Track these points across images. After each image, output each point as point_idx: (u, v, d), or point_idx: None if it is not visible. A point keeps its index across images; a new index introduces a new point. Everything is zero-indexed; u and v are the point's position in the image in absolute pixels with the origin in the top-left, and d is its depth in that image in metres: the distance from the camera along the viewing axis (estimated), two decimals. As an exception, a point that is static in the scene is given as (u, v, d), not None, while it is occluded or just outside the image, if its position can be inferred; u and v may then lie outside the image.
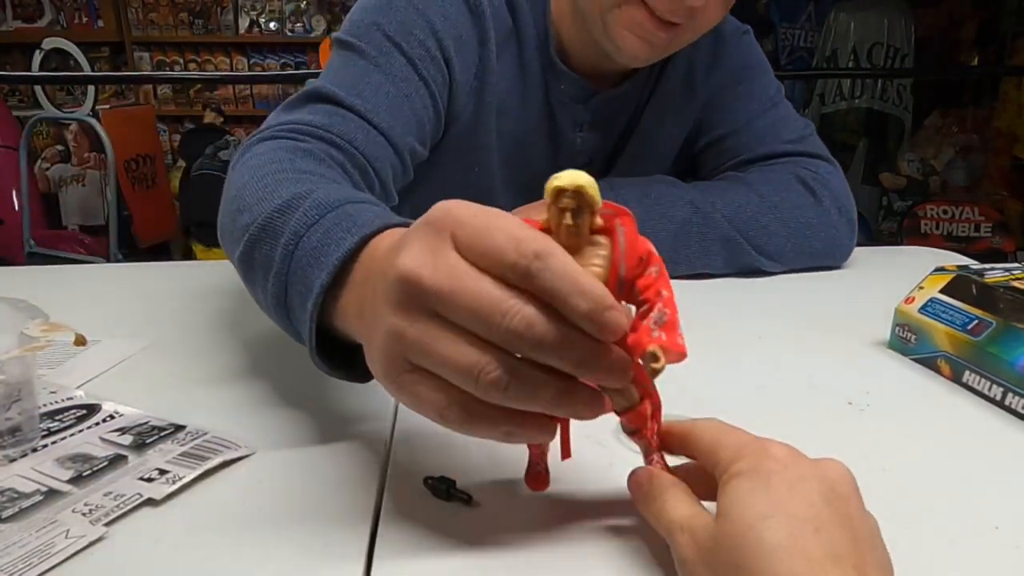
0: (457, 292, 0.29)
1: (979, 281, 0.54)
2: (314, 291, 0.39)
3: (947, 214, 3.15)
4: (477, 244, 0.30)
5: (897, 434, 0.46)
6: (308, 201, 0.44)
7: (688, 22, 0.67)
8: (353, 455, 0.42)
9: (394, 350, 0.31)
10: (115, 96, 3.84)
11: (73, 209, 3.48)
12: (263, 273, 0.45)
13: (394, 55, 0.68)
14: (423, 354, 0.31)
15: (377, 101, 0.65)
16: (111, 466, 0.39)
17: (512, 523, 0.36)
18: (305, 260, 0.41)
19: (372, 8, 0.70)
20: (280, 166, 0.52)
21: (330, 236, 0.41)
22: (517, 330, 0.29)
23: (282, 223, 0.44)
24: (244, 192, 0.51)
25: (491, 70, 0.74)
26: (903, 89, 3.34)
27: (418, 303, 0.30)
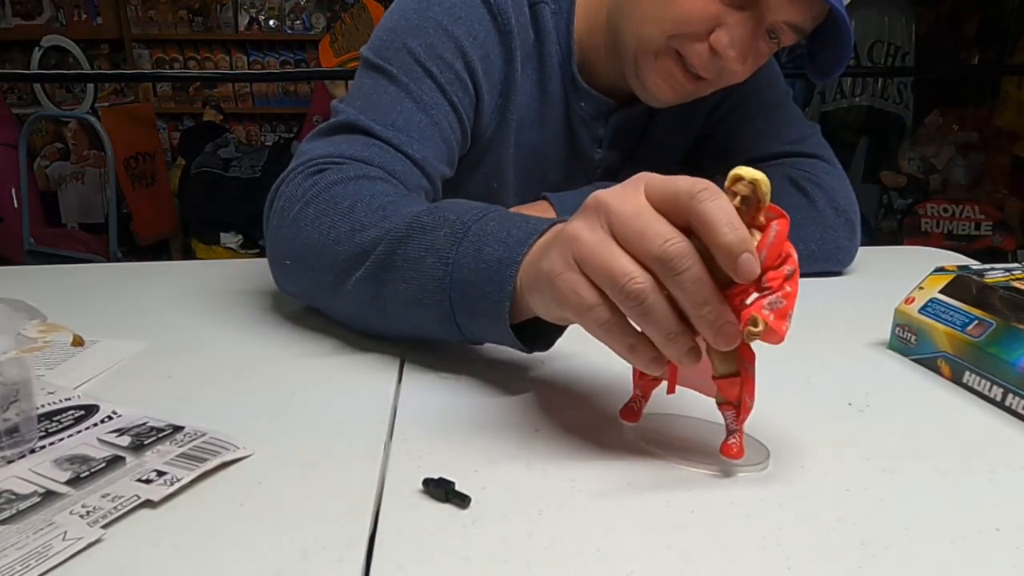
0: (634, 216, 0.37)
1: (979, 281, 0.54)
2: (510, 269, 0.45)
3: (947, 212, 3.14)
4: (657, 184, 0.38)
5: (897, 435, 0.46)
6: (462, 204, 0.51)
7: (716, 78, 0.70)
8: (352, 456, 0.42)
9: (566, 248, 0.39)
10: (115, 94, 3.83)
11: (72, 207, 3.48)
12: (413, 264, 0.50)
13: (424, 81, 0.68)
14: (589, 254, 0.38)
15: (410, 131, 0.66)
16: (109, 467, 0.39)
17: (511, 525, 0.36)
18: (482, 242, 0.47)
19: (402, 29, 0.70)
20: (380, 191, 0.57)
21: (507, 224, 0.47)
22: (670, 255, 0.36)
23: (433, 221, 0.50)
24: (356, 213, 0.55)
25: (515, 87, 0.74)
26: (904, 87, 3.34)
27: (602, 220, 0.38)
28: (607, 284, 0.37)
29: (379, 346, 0.58)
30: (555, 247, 0.40)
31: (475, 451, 0.43)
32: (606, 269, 0.37)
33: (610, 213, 0.38)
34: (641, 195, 0.38)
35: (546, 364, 0.55)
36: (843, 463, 0.42)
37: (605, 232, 0.38)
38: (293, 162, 0.64)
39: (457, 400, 0.50)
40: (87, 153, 3.47)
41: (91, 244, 3.04)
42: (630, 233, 0.37)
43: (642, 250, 0.36)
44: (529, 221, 0.47)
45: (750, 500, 0.38)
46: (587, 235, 0.38)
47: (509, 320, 0.46)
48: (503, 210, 0.51)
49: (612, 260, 0.37)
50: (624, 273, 0.36)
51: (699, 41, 0.67)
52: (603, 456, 0.42)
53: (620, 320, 0.38)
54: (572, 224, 0.39)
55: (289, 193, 0.60)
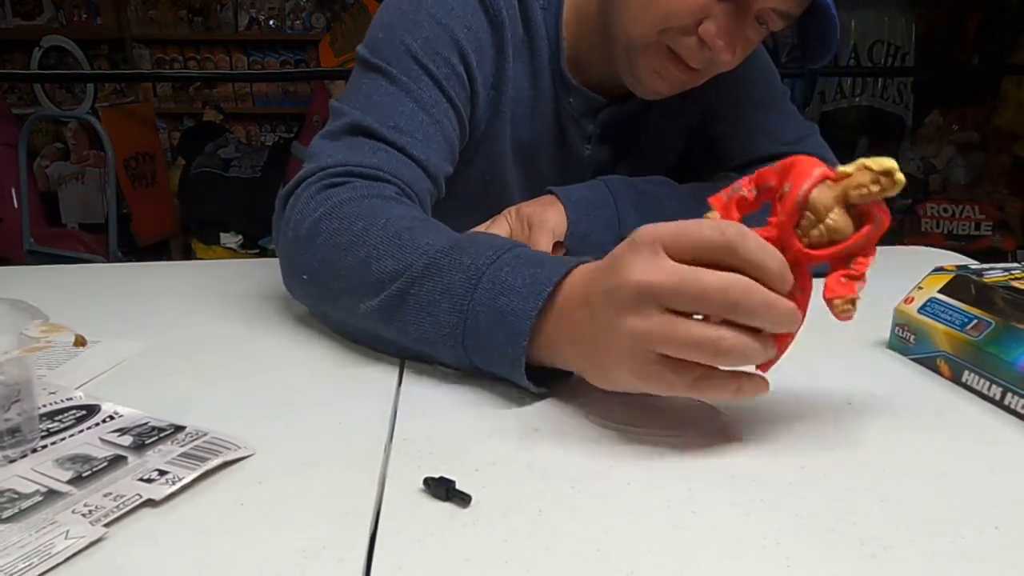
0: (685, 285, 0.39)
1: (978, 281, 0.54)
2: (524, 317, 0.46)
3: (947, 212, 3.14)
4: (684, 241, 0.40)
5: (897, 434, 0.46)
6: (476, 244, 0.52)
7: (708, 68, 0.70)
8: (353, 456, 0.42)
9: (640, 347, 0.41)
10: (115, 94, 3.83)
11: (72, 207, 3.48)
12: (426, 307, 0.50)
13: (422, 79, 0.69)
14: (667, 342, 0.40)
15: (413, 132, 0.67)
16: (111, 467, 0.39)
17: (511, 525, 0.36)
18: (496, 291, 0.47)
19: (397, 25, 0.70)
20: (395, 214, 0.57)
21: (521, 272, 0.48)
22: (737, 300, 0.38)
23: (449, 263, 0.51)
24: (369, 238, 0.55)
25: (506, 78, 0.74)
26: (904, 87, 3.34)
27: (651, 303, 0.40)
28: (702, 357, 0.40)
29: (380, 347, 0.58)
30: (620, 348, 0.42)
31: (475, 451, 0.43)
32: (693, 344, 0.40)
33: (656, 293, 0.40)
34: (666, 259, 0.40)
35: (546, 364, 0.55)
36: (842, 463, 0.42)
37: (663, 312, 0.40)
38: (305, 167, 0.64)
39: (457, 400, 0.50)
40: (87, 153, 3.47)
41: (91, 244, 3.03)
42: (689, 300, 0.39)
43: (710, 310, 0.40)
44: (544, 264, 0.48)
45: (750, 500, 0.38)
46: (652, 326, 0.40)
47: (524, 368, 0.47)
48: (517, 250, 0.51)
49: (692, 335, 0.40)
50: (710, 340, 0.39)
51: (688, 34, 0.67)
52: (603, 456, 0.42)
53: (720, 374, 0.41)
54: (627, 326, 0.41)
55: (302, 207, 0.60)
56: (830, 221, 0.40)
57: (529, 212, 0.70)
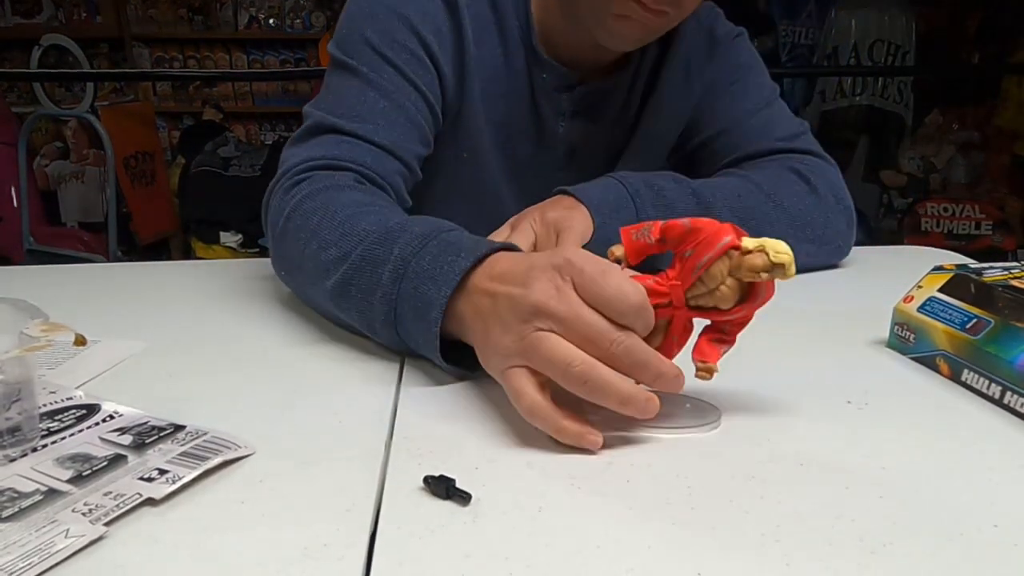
0: (579, 320, 0.42)
1: (977, 280, 0.54)
2: (436, 304, 0.49)
3: (948, 212, 3.15)
4: (593, 287, 0.42)
5: (896, 433, 0.46)
6: (407, 233, 0.54)
7: (674, 10, 0.71)
8: (353, 454, 0.42)
9: (513, 349, 0.44)
10: (114, 92, 3.83)
11: (72, 206, 3.48)
12: (365, 296, 0.54)
13: (384, 68, 0.73)
14: (546, 360, 0.43)
15: (375, 119, 0.71)
16: (111, 466, 0.39)
17: (512, 522, 0.36)
18: (418, 280, 0.51)
19: (358, 20, 0.75)
20: (341, 203, 0.61)
21: (440, 260, 0.50)
22: (618, 355, 0.42)
23: (383, 253, 0.54)
24: (321, 230, 0.59)
25: (470, 58, 0.77)
26: (904, 86, 3.34)
27: (545, 322, 0.43)
28: (568, 384, 0.43)
29: (379, 347, 0.58)
30: (502, 344, 0.45)
31: (475, 448, 0.43)
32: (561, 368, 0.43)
33: (552, 317, 0.43)
34: (572, 292, 0.43)
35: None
36: (842, 461, 0.42)
37: (550, 332, 0.43)
38: (278, 172, 0.70)
39: (457, 398, 0.50)
40: (87, 152, 3.47)
41: (91, 243, 3.04)
42: (577, 336, 0.42)
43: (593, 351, 0.42)
44: (462, 251, 0.51)
45: (749, 497, 0.38)
46: (531, 338, 0.43)
47: (441, 355, 0.50)
48: (443, 235, 0.53)
49: (568, 358, 0.42)
50: (580, 373, 0.42)
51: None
52: (603, 453, 0.42)
53: (567, 398, 0.44)
54: (514, 330, 0.44)
55: (275, 207, 0.67)
56: (719, 292, 0.43)
57: (555, 218, 0.70)
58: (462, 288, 0.49)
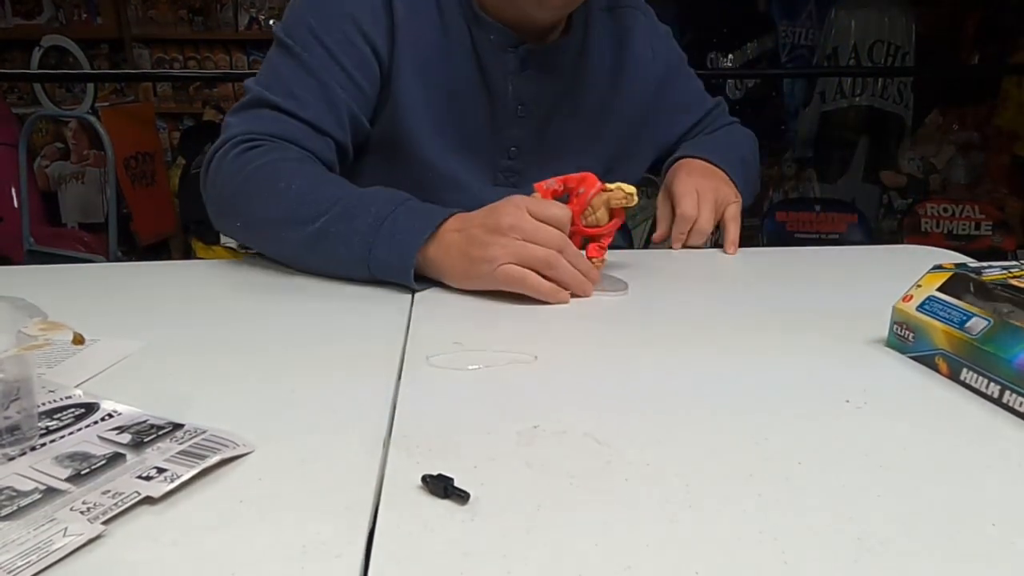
0: (537, 230, 0.67)
1: (977, 279, 0.54)
2: (414, 247, 0.69)
3: (947, 212, 3.14)
4: (541, 209, 0.68)
5: (895, 432, 0.46)
6: (380, 198, 0.73)
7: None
8: (351, 453, 0.42)
9: (500, 254, 0.67)
10: (115, 93, 3.83)
11: (72, 207, 3.48)
12: (344, 241, 0.71)
13: (315, 49, 0.82)
14: (521, 255, 0.67)
15: (305, 98, 0.81)
16: (109, 464, 0.40)
17: (509, 521, 0.36)
18: (394, 229, 0.70)
19: (301, 7, 0.85)
20: (304, 172, 0.76)
21: (414, 216, 0.71)
22: (567, 252, 0.68)
23: (360, 210, 0.71)
24: (290, 193, 0.74)
25: (405, 31, 0.84)
26: (904, 87, 3.33)
27: (516, 234, 0.67)
28: (538, 266, 0.67)
29: (379, 343, 0.58)
30: (491, 261, 0.67)
31: (474, 447, 0.43)
32: (535, 259, 0.67)
33: (518, 230, 0.67)
34: (527, 215, 0.67)
35: (544, 362, 0.55)
36: (840, 460, 0.42)
37: (518, 240, 0.67)
38: (222, 135, 0.81)
39: (456, 397, 0.50)
40: (87, 153, 3.47)
41: (91, 244, 3.03)
42: (538, 239, 0.67)
43: (548, 244, 0.68)
44: (430, 215, 0.71)
45: (747, 496, 0.38)
46: (514, 245, 0.67)
47: (413, 279, 0.70)
48: (410, 203, 0.72)
49: (535, 254, 0.67)
50: (543, 259, 0.67)
51: None
52: (601, 453, 0.42)
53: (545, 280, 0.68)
54: (498, 240, 0.67)
55: (227, 169, 0.78)
56: (597, 215, 0.73)
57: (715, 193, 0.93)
58: (433, 236, 0.70)
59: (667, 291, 0.75)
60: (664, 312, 0.69)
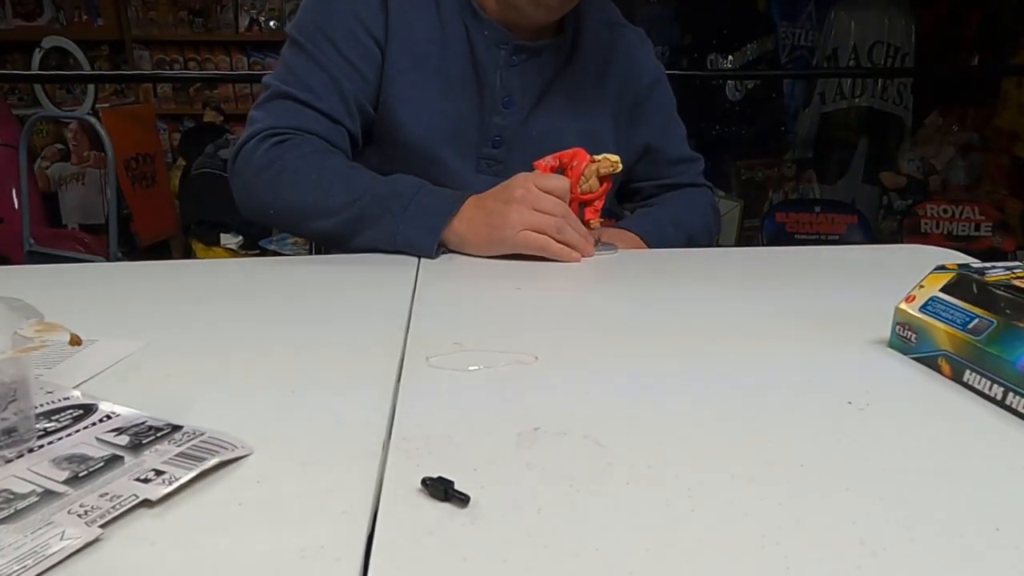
0: (543, 200, 0.81)
1: (980, 280, 0.54)
2: (441, 225, 0.83)
3: (947, 213, 3.14)
4: (547, 181, 0.82)
5: (897, 434, 0.45)
6: (403, 181, 0.86)
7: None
8: (351, 455, 0.42)
9: (519, 221, 0.80)
10: (115, 94, 3.83)
11: (73, 208, 3.48)
12: (374, 222, 0.84)
13: (324, 45, 0.91)
14: (535, 222, 0.81)
15: (319, 90, 0.90)
16: (107, 467, 0.39)
17: (510, 524, 0.36)
18: (420, 208, 0.83)
19: (312, 6, 0.93)
20: (331, 164, 0.88)
21: (439, 197, 0.85)
22: (563, 212, 0.82)
23: (388, 192, 0.84)
24: (323, 183, 0.86)
25: (398, 25, 0.91)
26: (903, 88, 3.34)
27: (527, 204, 0.81)
28: (550, 230, 0.81)
29: (379, 346, 0.58)
30: (511, 228, 0.81)
31: (474, 450, 0.43)
32: (546, 224, 0.80)
33: (531, 200, 0.81)
34: (535, 189, 0.81)
35: (545, 362, 0.55)
36: (843, 462, 0.42)
37: (531, 209, 0.81)
38: (248, 129, 0.90)
39: (456, 399, 0.50)
40: (87, 154, 3.47)
41: (91, 245, 3.03)
42: (547, 206, 0.81)
43: (555, 213, 0.82)
44: (451, 197, 0.84)
45: (749, 499, 0.38)
46: (528, 213, 0.81)
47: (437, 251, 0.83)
48: (430, 187, 0.85)
49: (546, 220, 0.81)
50: (553, 224, 0.81)
51: None
52: (602, 455, 0.42)
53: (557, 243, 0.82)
54: (515, 209, 0.81)
55: (258, 161, 0.87)
56: (589, 183, 0.85)
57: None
58: (456, 214, 0.83)
59: (667, 292, 0.75)
60: (665, 313, 0.68)
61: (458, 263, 0.83)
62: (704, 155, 1.15)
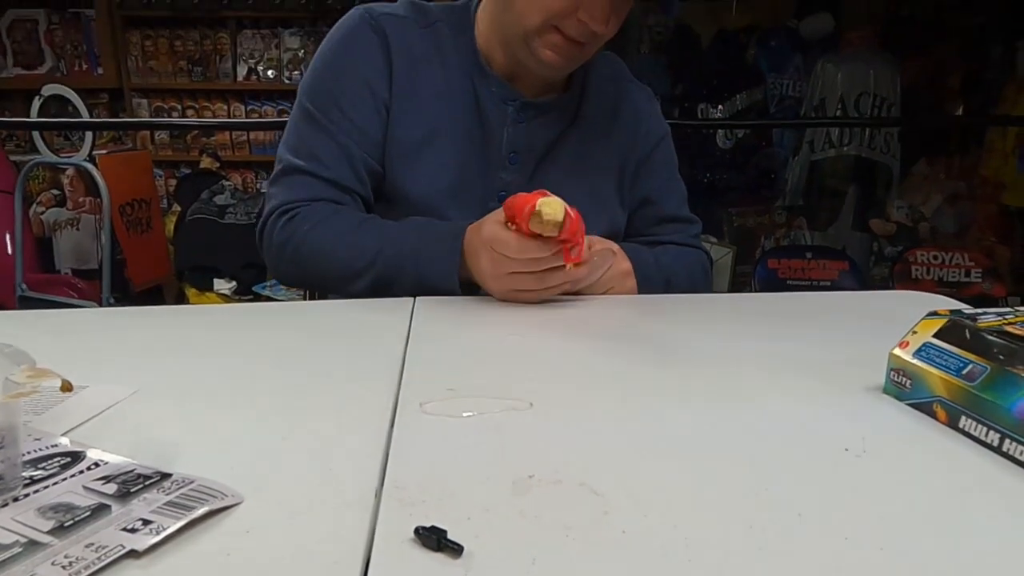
0: (515, 252, 0.80)
1: (972, 326, 0.54)
2: (455, 259, 0.85)
3: (937, 260, 3.17)
4: (504, 236, 0.80)
5: (895, 480, 0.45)
6: (408, 230, 0.89)
7: (591, 41, 0.88)
8: (342, 503, 0.41)
9: (493, 269, 0.82)
10: (113, 141, 3.87)
11: (67, 253, 3.48)
12: (395, 280, 0.87)
13: (332, 111, 0.92)
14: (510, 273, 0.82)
15: (329, 161, 0.92)
16: (93, 516, 0.38)
17: (505, 575, 0.35)
18: (433, 253, 0.86)
19: (318, 67, 0.95)
20: (341, 228, 0.90)
21: (443, 238, 0.87)
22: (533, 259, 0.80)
23: (400, 244, 0.87)
24: (338, 250, 0.89)
25: (409, 81, 0.93)
26: (891, 137, 3.40)
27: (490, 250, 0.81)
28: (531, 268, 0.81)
29: (372, 392, 0.58)
30: (483, 261, 0.83)
31: (468, 497, 0.42)
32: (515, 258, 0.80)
33: (500, 245, 0.80)
34: (512, 236, 0.80)
35: (540, 409, 0.55)
36: (841, 511, 0.42)
37: (492, 252, 0.81)
38: (267, 207, 0.94)
39: (450, 445, 0.49)
40: (83, 200, 3.48)
41: (84, 290, 3.02)
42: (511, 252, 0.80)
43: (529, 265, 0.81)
44: (454, 234, 0.86)
45: (747, 549, 0.37)
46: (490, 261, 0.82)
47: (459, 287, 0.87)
48: (434, 227, 0.89)
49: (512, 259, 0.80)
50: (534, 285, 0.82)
51: (569, 17, 0.85)
52: (598, 503, 0.42)
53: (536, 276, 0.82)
54: (482, 258, 0.83)
55: (279, 238, 0.91)
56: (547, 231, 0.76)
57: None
58: (460, 250, 0.85)
59: (662, 339, 0.75)
60: (659, 360, 0.68)
61: (452, 308, 0.83)
62: (696, 202, 1.14)
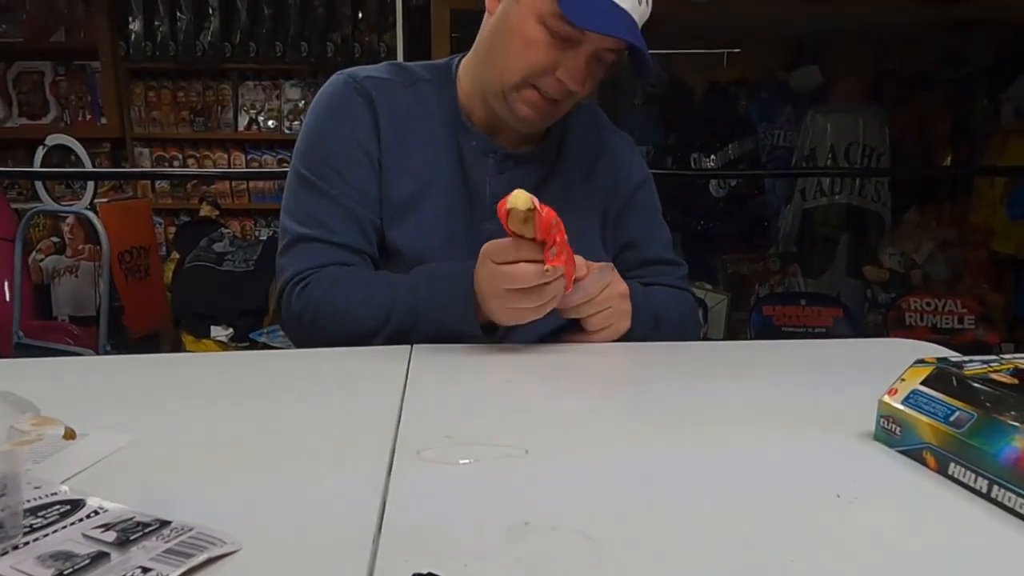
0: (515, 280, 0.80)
1: (959, 373, 0.55)
2: (468, 292, 0.85)
3: (931, 306, 3.19)
4: (507, 248, 0.81)
5: (886, 527, 0.46)
6: (416, 282, 0.90)
7: (567, 99, 0.93)
8: (339, 550, 0.42)
9: (491, 290, 0.82)
10: (113, 189, 3.91)
11: (64, 300, 3.48)
12: (411, 329, 0.88)
13: (329, 175, 0.95)
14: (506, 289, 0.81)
15: (333, 224, 0.94)
16: (93, 564, 0.39)
17: (500, 622, 0.35)
18: (443, 296, 0.87)
19: (309, 134, 0.98)
20: (351, 289, 0.91)
21: (457, 283, 0.86)
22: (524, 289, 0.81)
23: (412, 295, 0.88)
24: (353, 313, 0.90)
25: (397, 138, 0.96)
26: (881, 186, 3.46)
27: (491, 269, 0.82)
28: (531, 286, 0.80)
29: (370, 439, 0.58)
30: (492, 300, 0.83)
31: (465, 544, 0.42)
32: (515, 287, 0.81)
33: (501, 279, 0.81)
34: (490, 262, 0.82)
35: (535, 455, 0.55)
36: (833, 559, 0.42)
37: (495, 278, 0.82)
38: (279, 280, 0.95)
39: (448, 491, 0.49)
40: (83, 247, 3.50)
41: (81, 337, 3.02)
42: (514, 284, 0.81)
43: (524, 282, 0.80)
44: (463, 277, 0.86)
45: (741, 595, 0.38)
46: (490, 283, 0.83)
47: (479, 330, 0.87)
48: (442, 271, 0.89)
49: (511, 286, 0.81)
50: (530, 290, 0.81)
51: (547, 76, 0.89)
52: (593, 550, 0.42)
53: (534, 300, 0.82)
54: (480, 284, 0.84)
55: (296, 307, 0.92)
56: (525, 231, 0.77)
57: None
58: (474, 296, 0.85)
59: (657, 385, 0.76)
60: (654, 407, 0.69)
61: (448, 356, 0.84)
62: (690, 250, 1.16)
